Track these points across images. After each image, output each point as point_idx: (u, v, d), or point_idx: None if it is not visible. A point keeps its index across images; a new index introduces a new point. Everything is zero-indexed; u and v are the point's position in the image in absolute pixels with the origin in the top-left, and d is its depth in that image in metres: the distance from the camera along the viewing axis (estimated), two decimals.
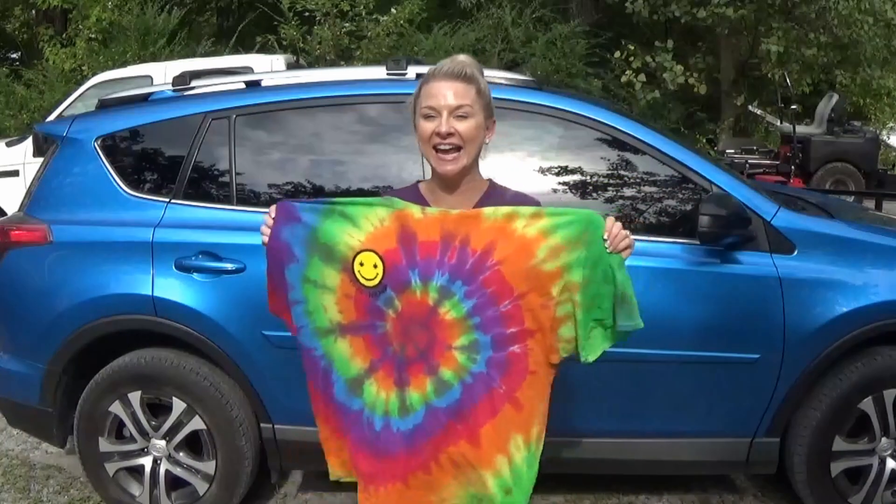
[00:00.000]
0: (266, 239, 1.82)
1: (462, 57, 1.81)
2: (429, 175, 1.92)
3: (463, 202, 1.83)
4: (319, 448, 1.93)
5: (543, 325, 1.75)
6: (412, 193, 1.88)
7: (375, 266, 1.75)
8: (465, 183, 1.83)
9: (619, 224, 1.70)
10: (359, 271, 1.76)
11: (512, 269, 1.72)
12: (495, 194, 1.87)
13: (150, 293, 2.95)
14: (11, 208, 6.32)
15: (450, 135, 1.73)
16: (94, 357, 3.10)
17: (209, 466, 3.06)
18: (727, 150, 10.53)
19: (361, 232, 1.76)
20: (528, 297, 1.73)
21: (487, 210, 1.73)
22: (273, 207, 1.82)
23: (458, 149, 1.74)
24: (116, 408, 3.06)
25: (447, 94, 1.72)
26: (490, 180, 1.92)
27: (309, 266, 1.81)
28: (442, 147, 1.74)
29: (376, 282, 1.75)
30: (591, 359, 1.77)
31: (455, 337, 1.75)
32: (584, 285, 1.73)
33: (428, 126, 1.74)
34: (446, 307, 1.74)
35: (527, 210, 1.74)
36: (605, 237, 1.69)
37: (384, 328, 1.79)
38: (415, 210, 1.74)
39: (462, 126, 1.73)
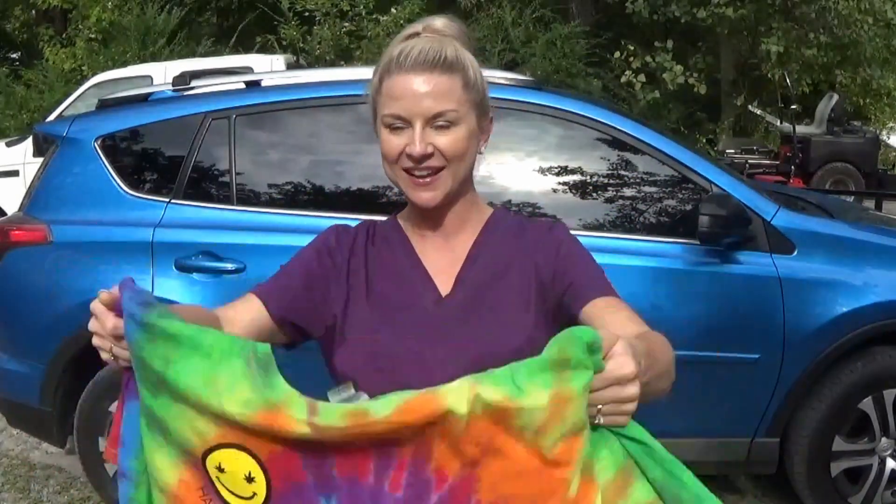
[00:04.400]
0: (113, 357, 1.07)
1: (439, 23, 1.21)
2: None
3: (455, 241, 1.27)
4: None
5: None
6: (392, 229, 1.32)
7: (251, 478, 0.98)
8: (453, 214, 1.26)
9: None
10: (217, 478, 1.00)
11: None
12: (499, 228, 1.29)
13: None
14: (11, 208, 6.32)
15: (427, 157, 1.16)
16: (95, 357, 3.08)
17: None
18: (727, 150, 10.54)
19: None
20: None
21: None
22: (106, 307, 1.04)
23: (439, 170, 1.18)
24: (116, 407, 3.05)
25: (420, 94, 1.14)
26: (495, 207, 1.34)
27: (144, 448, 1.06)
28: (417, 172, 1.19)
29: None
30: None
31: None
32: None
33: (395, 141, 1.18)
34: None
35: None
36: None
37: None
38: (297, 413, 0.92)
39: (445, 140, 1.16)
